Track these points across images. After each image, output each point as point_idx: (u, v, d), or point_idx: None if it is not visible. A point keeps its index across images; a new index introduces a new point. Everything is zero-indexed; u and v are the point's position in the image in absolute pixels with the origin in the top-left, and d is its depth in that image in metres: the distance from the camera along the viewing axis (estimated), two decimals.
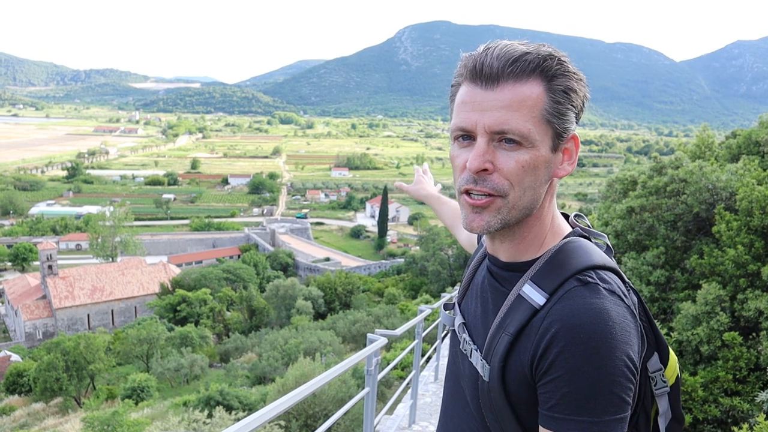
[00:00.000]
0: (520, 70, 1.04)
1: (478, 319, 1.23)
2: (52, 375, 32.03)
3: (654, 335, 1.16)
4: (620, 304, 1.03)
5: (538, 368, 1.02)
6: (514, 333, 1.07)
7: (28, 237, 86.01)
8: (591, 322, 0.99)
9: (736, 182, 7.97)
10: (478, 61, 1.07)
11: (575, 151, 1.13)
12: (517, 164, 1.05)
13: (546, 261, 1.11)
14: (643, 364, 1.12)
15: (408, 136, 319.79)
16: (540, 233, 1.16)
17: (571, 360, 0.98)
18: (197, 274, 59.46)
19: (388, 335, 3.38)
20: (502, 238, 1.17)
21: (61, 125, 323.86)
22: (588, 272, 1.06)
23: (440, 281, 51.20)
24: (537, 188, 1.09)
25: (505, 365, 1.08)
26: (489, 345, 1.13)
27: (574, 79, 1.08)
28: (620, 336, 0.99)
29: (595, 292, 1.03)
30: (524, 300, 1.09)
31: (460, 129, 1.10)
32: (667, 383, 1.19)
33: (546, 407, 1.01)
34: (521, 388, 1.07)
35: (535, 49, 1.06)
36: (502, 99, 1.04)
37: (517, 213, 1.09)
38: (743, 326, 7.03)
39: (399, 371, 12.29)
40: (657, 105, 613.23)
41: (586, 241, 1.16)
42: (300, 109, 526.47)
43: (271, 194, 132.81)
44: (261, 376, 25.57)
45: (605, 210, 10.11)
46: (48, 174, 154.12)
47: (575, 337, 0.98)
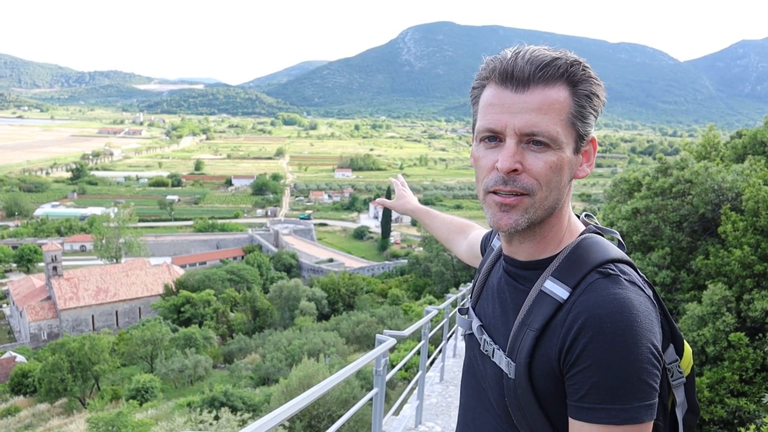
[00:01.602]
0: (550, 74, 1.07)
1: (497, 320, 1.24)
2: (57, 376, 32.12)
3: (669, 327, 1.17)
4: (641, 294, 1.07)
5: (566, 360, 1.04)
6: (539, 328, 1.10)
7: (33, 238, 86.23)
8: (616, 311, 1.01)
9: (741, 182, 7.95)
10: (509, 64, 1.09)
11: (593, 153, 1.17)
12: (545, 165, 1.08)
13: (566, 257, 1.15)
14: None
15: (411, 137, 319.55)
16: (559, 232, 1.19)
17: (598, 350, 1.00)
18: (201, 275, 59.54)
19: (396, 336, 3.38)
20: (521, 238, 1.19)
21: (66, 127, 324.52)
22: (608, 265, 1.09)
23: (444, 282, 51.13)
24: (561, 189, 1.12)
25: (532, 361, 1.10)
26: (513, 342, 1.14)
27: (595, 84, 1.12)
28: (645, 324, 1.02)
29: (617, 283, 1.06)
30: (547, 295, 1.11)
31: (488, 130, 1.11)
32: (683, 374, 1.20)
33: (575, 398, 1.04)
34: (549, 382, 1.09)
35: (563, 55, 1.09)
36: (532, 102, 1.07)
37: (543, 212, 1.12)
38: (749, 327, 7.01)
39: (403, 372, 12.29)
40: (661, 105, 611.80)
41: (601, 238, 1.19)
42: (303, 110, 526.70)
43: (275, 195, 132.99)
44: (265, 377, 25.59)
45: (610, 211, 10.10)
46: (53, 175, 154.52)
47: (602, 327, 1.01)
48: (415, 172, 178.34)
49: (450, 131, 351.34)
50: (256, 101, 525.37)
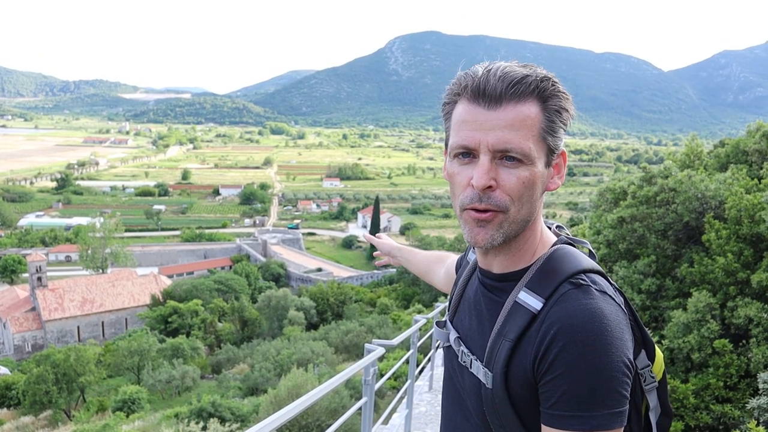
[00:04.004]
0: (522, 91, 1.09)
1: (474, 331, 1.26)
2: (42, 388, 31.75)
3: (640, 333, 1.20)
4: (612, 303, 1.09)
5: (540, 369, 1.07)
6: (514, 339, 1.12)
7: (17, 249, 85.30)
8: (587, 321, 1.04)
9: (724, 191, 8.07)
10: (481, 81, 1.10)
11: (564, 166, 1.20)
12: (518, 180, 1.10)
13: (539, 268, 1.17)
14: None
15: (399, 146, 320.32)
16: (533, 244, 1.22)
17: (569, 358, 1.03)
18: (188, 285, 59.11)
19: (385, 345, 3.41)
20: (497, 252, 1.21)
21: (51, 136, 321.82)
22: (579, 275, 1.12)
23: (432, 291, 51.05)
24: (534, 202, 1.15)
25: (508, 370, 1.12)
26: (490, 353, 1.17)
27: (564, 98, 1.14)
28: (615, 333, 1.04)
29: (588, 294, 1.08)
30: (521, 306, 1.14)
31: (462, 147, 1.13)
32: (655, 378, 1.23)
33: (547, 405, 1.06)
34: (524, 391, 1.11)
35: (533, 71, 1.11)
36: (504, 119, 1.09)
37: (517, 227, 1.15)
38: (733, 334, 7.10)
39: (392, 381, 12.29)
40: (646, 114, 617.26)
41: (572, 248, 1.22)
42: (291, 119, 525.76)
43: (263, 205, 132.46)
44: (253, 388, 25.46)
45: (597, 219, 10.20)
46: (37, 185, 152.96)
47: (573, 336, 1.04)
48: (404, 181, 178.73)
49: (438, 140, 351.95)
50: (244, 110, 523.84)
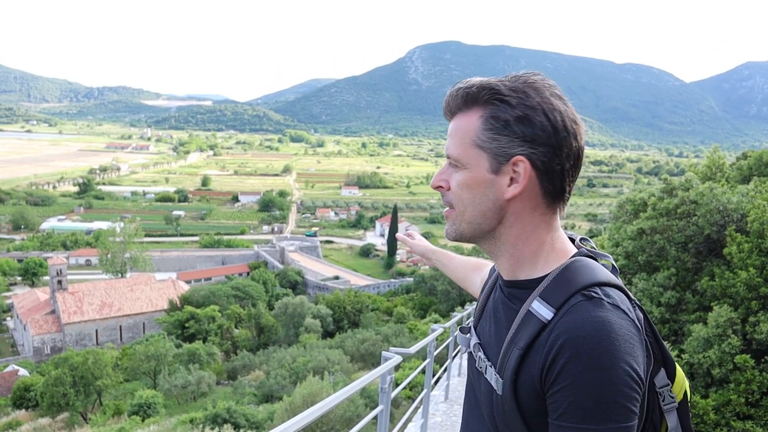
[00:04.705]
0: (464, 102, 1.20)
1: (492, 337, 1.28)
2: (60, 390, 32.04)
3: (660, 351, 1.20)
4: (623, 317, 1.08)
5: (547, 379, 1.08)
6: (524, 347, 1.13)
7: (38, 252, 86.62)
8: (594, 333, 1.04)
9: (747, 204, 7.96)
10: (447, 98, 1.24)
11: (524, 175, 1.16)
12: (455, 183, 1.22)
13: (553, 278, 1.17)
14: (650, 379, 1.16)
15: (418, 155, 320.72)
16: (527, 253, 1.23)
17: (575, 370, 1.03)
18: (206, 291, 59.52)
19: (402, 353, 3.40)
20: (489, 253, 1.30)
21: (74, 141, 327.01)
22: (593, 288, 1.11)
23: (449, 301, 50.93)
24: (478, 205, 1.20)
25: (517, 378, 1.13)
26: (502, 360, 1.18)
27: (504, 105, 1.15)
28: (623, 347, 1.03)
29: (599, 306, 1.08)
30: (533, 315, 1.14)
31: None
32: (675, 399, 1.21)
33: (554, 417, 1.06)
34: (532, 400, 1.12)
35: (480, 83, 1.18)
36: (450, 129, 1.23)
37: (468, 226, 1.24)
38: (755, 349, 6.98)
39: (407, 391, 12.24)
40: (667, 126, 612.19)
41: (591, 261, 1.21)
42: (311, 127, 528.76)
43: (281, 212, 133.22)
44: (268, 395, 25.48)
45: (616, 231, 10.11)
46: (60, 189, 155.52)
47: (579, 348, 1.03)
48: (422, 190, 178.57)
49: None
50: (264, 118, 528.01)
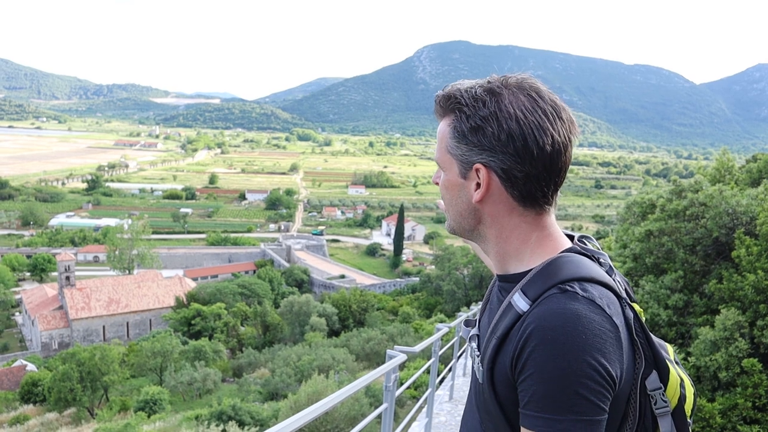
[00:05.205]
0: (441, 108, 1.26)
1: (485, 328, 1.30)
2: (67, 385, 32.25)
3: (652, 353, 1.18)
4: (597, 312, 1.07)
5: (516, 368, 1.09)
6: (500, 337, 1.15)
7: (47, 248, 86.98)
8: (561, 324, 1.04)
9: (756, 207, 7.91)
10: (435, 102, 1.29)
11: (486, 182, 1.19)
12: (441, 183, 1.30)
13: (536, 272, 1.17)
14: (641, 381, 1.15)
15: (425, 154, 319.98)
16: (510, 250, 1.25)
17: (539, 359, 1.04)
18: (212, 289, 59.65)
19: (407, 352, 3.40)
20: (483, 251, 1.35)
21: (83, 138, 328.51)
22: (571, 282, 1.11)
23: (455, 301, 50.89)
24: (456, 206, 1.27)
25: (493, 366, 1.16)
26: (484, 350, 1.22)
27: (466, 116, 1.19)
28: (591, 340, 1.03)
29: (572, 299, 1.08)
30: (512, 307, 1.16)
31: None
32: (668, 403, 1.19)
33: (522, 405, 1.07)
34: (507, 389, 1.13)
35: (449, 91, 1.24)
36: (437, 132, 1.30)
37: (454, 223, 1.31)
38: (763, 353, 6.93)
39: (412, 391, 12.23)
40: (676, 127, 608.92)
41: (579, 257, 1.20)
42: (318, 126, 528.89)
43: (288, 210, 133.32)
44: (273, 392, 25.55)
45: (623, 232, 10.06)
46: (68, 186, 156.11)
47: (545, 337, 1.04)
48: (429, 189, 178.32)
49: None
50: (272, 116, 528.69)
